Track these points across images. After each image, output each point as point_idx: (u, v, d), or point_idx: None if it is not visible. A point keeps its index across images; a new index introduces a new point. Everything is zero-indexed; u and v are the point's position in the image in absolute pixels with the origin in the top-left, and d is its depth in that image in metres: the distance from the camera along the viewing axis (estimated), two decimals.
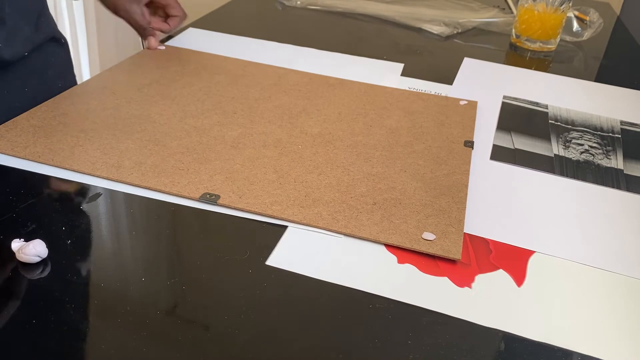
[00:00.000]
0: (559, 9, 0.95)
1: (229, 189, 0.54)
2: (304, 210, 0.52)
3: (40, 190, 0.52)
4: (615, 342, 0.42)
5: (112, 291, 0.42)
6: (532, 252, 0.51)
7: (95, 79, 0.73)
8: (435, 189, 0.56)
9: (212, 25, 0.97)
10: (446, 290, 0.45)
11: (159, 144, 0.60)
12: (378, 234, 0.50)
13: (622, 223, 0.56)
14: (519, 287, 0.46)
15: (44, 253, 0.44)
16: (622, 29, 1.16)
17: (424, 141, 0.65)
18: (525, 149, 0.67)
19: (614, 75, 0.92)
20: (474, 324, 0.43)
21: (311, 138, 0.64)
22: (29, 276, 0.43)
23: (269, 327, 0.41)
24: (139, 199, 0.52)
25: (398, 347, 0.40)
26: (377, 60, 0.89)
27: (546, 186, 0.61)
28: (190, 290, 0.43)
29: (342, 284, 0.45)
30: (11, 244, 0.44)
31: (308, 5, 1.13)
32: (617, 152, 0.69)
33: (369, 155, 0.61)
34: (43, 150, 0.57)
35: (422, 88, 0.81)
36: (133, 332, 0.39)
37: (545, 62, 0.97)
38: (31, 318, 0.39)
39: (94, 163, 0.56)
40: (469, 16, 1.10)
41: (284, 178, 0.56)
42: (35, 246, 0.43)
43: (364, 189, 0.56)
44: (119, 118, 0.64)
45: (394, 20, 1.08)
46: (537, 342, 0.42)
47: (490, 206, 0.56)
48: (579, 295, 0.46)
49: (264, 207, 0.52)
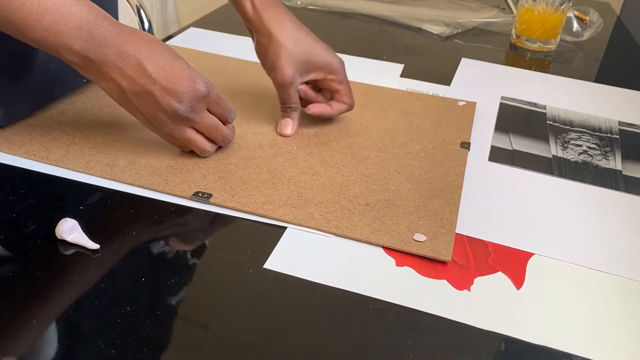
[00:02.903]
0: (559, 9, 0.95)
1: (221, 188, 0.54)
2: (296, 211, 0.51)
3: (35, 188, 0.52)
4: (615, 344, 0.42)
5: (112, 291, 0.42)
6: (531, 254, 0.50)
7: None
8: (429, 191, 0.56)
9: (212, 25, 0.97)
10: (445, 293, 0.45)
11: (154, 143, 0.60)
12: (369, 234, 0.49)
13: (621, 224, 0.55)
14: (518, 290, 0.46)
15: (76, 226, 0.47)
16: (622, 29, 1.16)
17: (420, 142, 0.65)
18: (523, 150, 0.67)
19: (614, 76, 0.92)
20: (473, 327, 0.42)
21: (307, 138, 0.64)
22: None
23: (268, 327, 0.41)
24: (139, 198, 0.53)
25: (398, 348, 0.40)
26: (377, 61, 0.89)
27: (545, 187, 0.60)
28: (190, 290, 0.43)
29: (340, 287, 0.45)
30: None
31: (308, 5, 1.13)
32: (615, 153, 0.68)
33: (364, 156, 0.61)
34: (39, 148, 0.57)
35: (420, 89, 0.80)
36: (133, 332, 0.39)
37: (545, 62, 0.96)
38: (32, 318, 0.39)
39: (89, 162, 0.56)
40: (469, 16, 1.09)
41: (277, 178, 0.56)
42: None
43: (357, 189, 0.55)
44: (116, 117, 0.64)
45: (394, 20, 1.08)
46: (536, 345, 0.41)
47: (489, 208, 0.56)
48: (578, 297, 0.46)
49: (256, 206, 0.52)
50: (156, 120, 0.53)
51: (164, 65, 0.52)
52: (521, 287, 0.47)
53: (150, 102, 0.52)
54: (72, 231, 0.46)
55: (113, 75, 0.51)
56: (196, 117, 0.54)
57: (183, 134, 0.55)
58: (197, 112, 0.54)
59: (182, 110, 0.53)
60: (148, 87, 0.51)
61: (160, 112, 0.53)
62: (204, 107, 0.55)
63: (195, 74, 0.53)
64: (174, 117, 0.53)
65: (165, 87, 0.51)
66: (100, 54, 0.50)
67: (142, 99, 0.52)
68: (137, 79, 0.51)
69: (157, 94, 0.52)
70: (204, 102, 0.54)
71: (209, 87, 0.54)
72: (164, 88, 0.51)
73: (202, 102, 0.54)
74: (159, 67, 0.51)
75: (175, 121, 0.54)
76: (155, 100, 0.52)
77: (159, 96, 0.52)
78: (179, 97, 0.52)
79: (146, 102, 0.52)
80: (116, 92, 0.52)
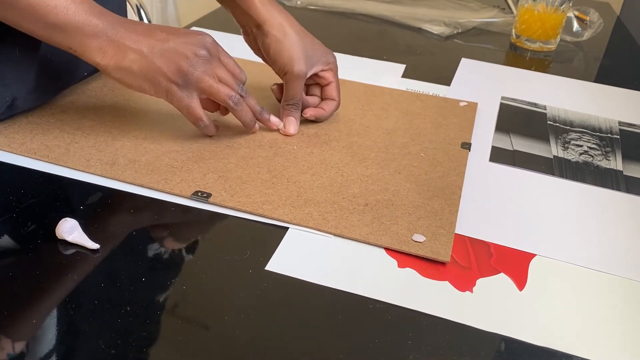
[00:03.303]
0: (559, 9, 0.95)
1: (220, 188, 0.54)
2: (295, 210, 0.51)
3: (35, 188, 0.52)
4: (618, 346, 0.42)
5: (112, 291, 0.42)
6: (533, 255, 0.50)
7: (96, 77, 0.73)
8: (429, 191, 0.56)
9: (212, 25, 0.97)
10: (447, 295, 0.45)
11: (154, 142, 0.60)
12: (368, 235, 0.49)
13: (623, 225, 0.55)
14: (521, 291, 0.46)
15: (76, 226, 0.47)
16: (622, 29, 1.16)
17: (421, 143, 0.65)
18: (524, 151, 0.67)
19: (614, 76, 0.92)
20: (476, 329, 0.42)
21: (307, 138, 0.64)
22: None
23: (269, 327, 0.41)
24: (139, 198, 0.52)
25: (399, 349, 0.40)
26: (379, 61, 0.89)
27: (546, 188, 0.60)
28: (190, 290, 0.43)
29: (341, 289, 0.44)
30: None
31: (308, 5, 1.13)
32: (616, 153, 0.68)
33: (364, 157, 0.61)
34: (39, 146, 0.57)
35: (420, 89, 0.80)
36: (133, 332, 0.39)
37: (545, 62, 0.96)
38: (32, 318, 0.39)
39: (89, 160, 0.56)
40: (469, 16, 1.09)
41: (277, 178, 0.56)
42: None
43: (356, 190, 0.55)
44: (117, 116, 0.64)
45: (394, 21, 1.08)
46: (538, 346, 0.41)
47: (491, 209, 0.56)
48: (581, 298, 0.46)
49: (255, 206, 0.51)
50: (181, 73, 0.55)
51: (169, 27, 0.58)
52: (523, 288, 0.46)
53: (172, 54, 0.55)
54: (72, 231, 0.46)
55: (132, 45, 0.54)
56: (214, 60, 0.58)
57: (208, 81, 0.57)
58: (215, 55, 0.58)
59: (203, 53, 0.56)
60: (166, 42, 0.55)
61: (183, 62, 0.55)
62: (217, 54, 0.58)
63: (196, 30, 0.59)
64: (197, 63, 0.56)
65: (180, 39, 0.56)
66: (115, 31, 0.54)
67: (163, 55, 0.55)
68: (154, 38, 0.55)
69: (177, 46, 0.55)
70: (215, 48, 0.58)
71: (211, 37, 0.59)
72: (179, 40, 0.56)
73: (214, 48, 0.58)
74: (166, 28, 0.57)
75: (198, 67, 0.56)
76: (176, 51, 0.55)
77: (180, 47, 0.55)
78: (195, 44, 0.56)
79: (168, 57, 0.55)
80: (138, 61, 0.54)
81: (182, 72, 0.55)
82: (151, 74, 0.55)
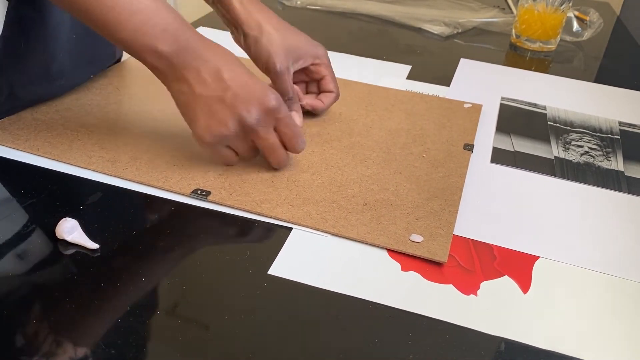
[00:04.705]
0: (559, 9, 0.95)
1: (220, 186, 0.53)
2: (293, 209, 0.51)
3: (35, 187, 0.52)
4: (623, 349, 0.42)
5: (112, 291, 0.42)
6: (536, 257, 0.50)
7: (101, 75, 0.73)
8: (429, 191, 0.56)
9: (213, 24, 0.97)
10: (451, 298, 0.45)
11: (156, 140, 0.60)
12: (365, 234, 0.49)
13: (625, 226, 0.55)
14: (525, 294, 0.46)
15: (76, 226, 0.46)
16: (622, 29, 1.16)
17: (423, 143, 0.65)
18: (525, 152, 0.67)
19: (614, 76, 0.92)
20: (480, 332, 0.42)
21: (309, 138, 0.64)
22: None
23: (269, 327, 0.41)
24: (140, 197, 0.52)
25: (402, 352, 0.39)
26: (383, 62, 0.89)
27: (548, 189, 0.60)
28: (190, 290, 0.43)
29: (343, 292, 0.44)
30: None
31: (308, 5, 1.13)
32: (616, 154, 0.68)
33: (365, 157, 0.61)
34: (42, 143, 0.58)
35: (420, 89, 0.80)
36: (133, 332, 0.39)
37: (545, 62, 0.96)
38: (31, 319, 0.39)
39: (91, 157, 0.56)
40: (469, 16, 1.09)
41: (277, 177, 0.56)
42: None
43: (356, 189, 0.55)
44: (120, 114, 0.65)
45: (394, 20, 1.08)
46: (544, 350, 0.41)
47: (493, 211, 0.56)
48: (585, 301, 0.46)
49: (253, 204, 0.51)
50: (218, 129, 0.52)
51: (239, 75, 0.52)
52: (528, 291, 0.46)
53: (218, 108, 0.51)
54: (72, 231, 0.46)
55: (189, 77, 0.51)
56: (261, 130, 0.53)
57: (241, 148, 0.54)
58: (263, 125, 0.53)
59: (250, 120, 0.52)
60: (221, 92, 0.51)
61: (226, 119, 0.51)
62: (272, 123, 0.53)
63: (268, 88, 0.53)
64: (238, 127, 0.52)
65: (237, 95, 0.51)
66: (182, 58, 0.50)
67: (210, 104, 0.51)
68: (212, 83, 0.51)
69: (228, 101, 0.51)
70: (272, 117, 0.53)
71: (279, 102, 0.53)
72: (235, 95, 0.51)
73: (270, 117, 0.53)
74: (235, 75, 0.52)
75: (238, 131, 0.52)
76: (224, 107, 0.51)
77: (230, 103, 0.51)
78: (249, 107, 0.51)
79: (214, 109, 0.51)
80: (185, 95, 0.52)
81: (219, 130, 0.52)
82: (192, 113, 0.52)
